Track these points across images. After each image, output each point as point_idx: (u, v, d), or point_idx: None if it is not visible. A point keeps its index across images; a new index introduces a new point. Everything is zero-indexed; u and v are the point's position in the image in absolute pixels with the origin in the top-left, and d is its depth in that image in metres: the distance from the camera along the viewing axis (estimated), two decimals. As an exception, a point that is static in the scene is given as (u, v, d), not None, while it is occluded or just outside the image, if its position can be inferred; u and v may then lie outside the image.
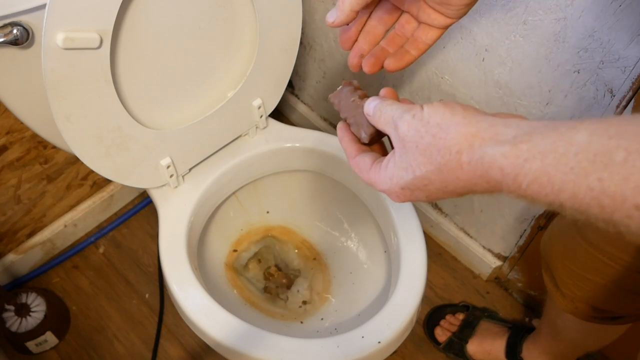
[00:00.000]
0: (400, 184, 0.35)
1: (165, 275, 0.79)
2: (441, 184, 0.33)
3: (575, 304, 0.71)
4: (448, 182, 0.32)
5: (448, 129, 0.32)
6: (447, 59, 0.91)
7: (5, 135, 0.95)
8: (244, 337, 0.72)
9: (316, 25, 1.12)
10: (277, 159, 0.96)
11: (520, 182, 0.28)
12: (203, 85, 0.84)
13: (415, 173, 0.33)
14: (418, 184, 0.34)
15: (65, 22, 0.59)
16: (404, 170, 0.34)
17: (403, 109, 0.35)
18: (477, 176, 0.31)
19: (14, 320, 1.05)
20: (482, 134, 0.31)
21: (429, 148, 0.32)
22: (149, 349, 1.11)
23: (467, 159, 0.31)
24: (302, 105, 1.36)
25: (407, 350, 1.12)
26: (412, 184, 0.34)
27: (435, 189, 0.33)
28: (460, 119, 0.32)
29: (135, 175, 0.81)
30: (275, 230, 1.11)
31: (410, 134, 0.34)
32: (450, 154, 0.31)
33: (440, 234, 1.23)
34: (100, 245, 1.24)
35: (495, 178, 0.30)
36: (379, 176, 0.37)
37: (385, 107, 0.37)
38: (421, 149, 0.33)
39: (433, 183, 0.33)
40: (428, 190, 0.34)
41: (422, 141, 0.33)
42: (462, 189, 0.32)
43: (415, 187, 0.34)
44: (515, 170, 0.28)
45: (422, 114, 0.33)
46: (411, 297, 0.76)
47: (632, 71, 0.69)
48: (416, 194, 0.35)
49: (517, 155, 0.28)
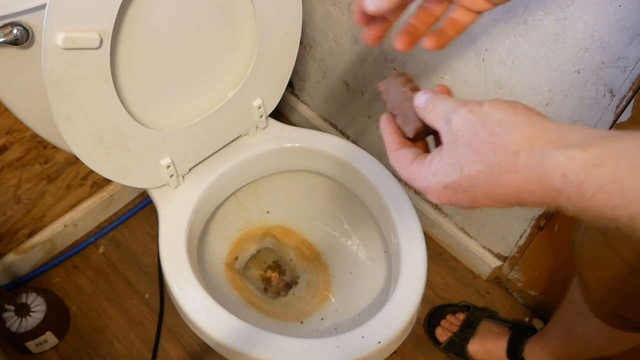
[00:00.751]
0: (443, 181, 0.31)
1: (165, 275, 0.79)
2: (489, 187, 0.29)
3: (604, 311, 0.70)
4: (498, 186, 0.29)
5: (508, 127, 0.29)
6: (447, 59, 0.91)
7: (5, 135, 0.95)
8: (244, 337, 0.72)
9: (316, 25, 1.12)
10: (277, 159, 0.96)
11: (585, 190, 0.25)
12: (203, 85, 0.84)
13: (463, 171, 0.30)
14: (464, 184, 0.30)
15: (65, 22, 0.59)
16: (451, 167, 0.31)
17: (459, 103, 0.32)
18: (532, 182, 0.27)
19: (14, 320, 1.05)
20: (547, 135, 0.28)
21: (483, 145, 0.29)
22: (149, 349, 1.11)
23: (525, 161, 0.27)
24: (302, 105, 1.36)
25: (407, 350, 1.12)
26: (457, 183, 0.31)
27: (481, 192, 0.30)
28: (523, 118, 0.29)
29: (135, 175, 0.81)
30: (275, 230, 1.11)
31: (464, 129, 0.30)
32: (507, 154, 0.28)
33: (440, 234, 1.23)
34: (100, 245, 1.24)
35: (555, 185, 0.26)
36: (421, 172, 0.33)
37: (438, 100, 0.34)
38: (474, 145, 0.29)
39: (480, 185, 0.30)
40: (473, 193, 0.30)
41: (477, 137, 0.29)
42: (511, 197, 0.29)
43: (459, 187, 0.31)
44: (581, 177, 0.25)
45: (481, 109, 0.30)
46: (411, 297, 0.76)
47: (632, 71, 0.69)
48: (459, 195, 0.31)
49: (586, 160, 0.25)
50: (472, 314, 1.11)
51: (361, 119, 1.20)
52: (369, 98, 1.13)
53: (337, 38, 1.10)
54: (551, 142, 0.27)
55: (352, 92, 1.17)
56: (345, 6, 1.02)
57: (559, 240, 0.99)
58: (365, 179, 0.89)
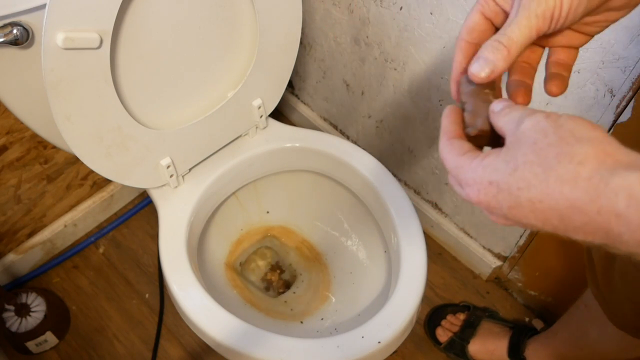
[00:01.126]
0: (491, 176, 0.29)
1: (165, 275, 0.79)
2: (538, 194, 0.27)
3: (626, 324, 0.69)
4: (548, 195, 0.26)
5: (580, 138, 0.26)
6: (447, 59, 0.91)
7: (5, 135, 0.95)
8: (244, 337, 0.72)
9: (316, 25, 1.12)
10: (277, 159, 0.96)
11: None
12: (203, 85, 0.84)
13: (517, 170, 0.27)
14: (511, 185, 0.28)
15: (65, 22, 0.59)
16: (504, 164, 0.28)
17: (537, 111, 0.30)
18: (589, 199, 0.25)
19: (14, 320, 1.05)
20: (619, 155, 0.26)
21: (547, 148, 0.27)
22: (149, 349, 1.11)
23: (589, 173, 0.25)
24: (302, 105, 1.36)
25: (407, 350, 1.12)
26: (504, 181, 0.28)
27: (526, 199, 0.27)
28: (599, 135, 0.27)
29: (135, 175, 0.81)
30: (275, 230, 1.11)
31: (534, 130, 0.28)
32: (571, 163, 0.26)
33: (440, 234, 1.23)
34: (100, 245, 1.24)
35: (615, 207, 0.24)
36: (471, 163, 0.31)
37: (517, 107, 0.31)
38: (538, 147, 0.27)
39: (530, 190, 0.27)
40: (517, 198, 0.27)
41: (544, 140, 0.27)
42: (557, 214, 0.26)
43: (506, 186, 0.28)
44: None
45: (559, 118, 0.28)
46: (411, 297, 0.76)
47: (632, 71, 0.69)
48: (500, 197, 0.28)
49: None
50: (472, 314, 1.11)
51: (361, 119, 1.20)
52: (369, 98, 1.13)
53: (337, 38, 1.10)
54: (622, 163, 0.25)
55: (352, 92, 1.17)
56: (345, 6, 1.02)
57: (559, 240, 0.99)
58: (365, 179, 0.89)
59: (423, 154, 1.11)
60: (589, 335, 0.83)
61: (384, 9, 0.94)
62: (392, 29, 0.96)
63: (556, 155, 0.26)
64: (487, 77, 0.33)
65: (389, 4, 0.92)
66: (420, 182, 1.19)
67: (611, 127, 0.77)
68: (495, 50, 0.33)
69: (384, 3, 0.93)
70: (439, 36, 0.88)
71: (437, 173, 1.12)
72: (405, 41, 0.95)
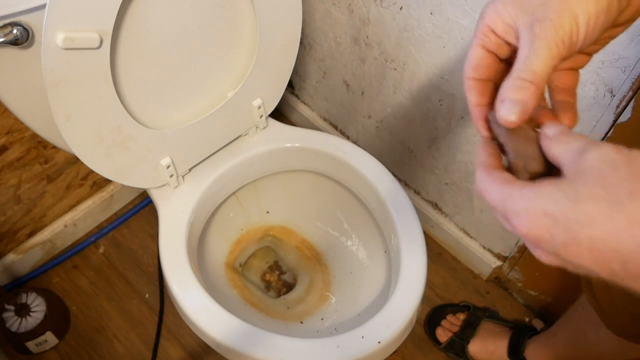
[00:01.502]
0: (547, 207, 0.25)
1: (165, 275, 0.79)
2: (602, 234, 0.24)
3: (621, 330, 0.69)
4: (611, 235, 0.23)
5: None
6: (447, 59, 0.91)
7: (5, 135, 0.95)
8: (244, 337, 0.72)
9: (316, 25, 1.12)
10: (277, 159, 0.96)
11: None
12: (203, 85, 0.84)
13: (579, 202, 0.24)
14: (571, 219, 0.24)
15: (65, 22, 0.59)
16: (564, 194, 0.25)
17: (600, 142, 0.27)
18: None
19: (14, 320, 1.05)
20: None
21: (618, 185, 0.24)
22: (149, 349, 1.11)
23: None
24: (302, 105, 1.36)
25: (407, 350, 1.12)
26: (563, 213, 0.25)
27: (586, 237, 0.24)
28: None
29: (135, 175, 0.81)
30: (275, 230, 1.11)
31: (602, 161, 0.25)
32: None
33: (440, 234, 1.23)
34: (100, 245, 1.24)
35: None
36: (522, 190, 0.27)
37: (575, 135, 0.28)
38: (607, 181, 0.24)
39: (591, 227, 0.24)
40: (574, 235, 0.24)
41: (615, 174, 0.24)
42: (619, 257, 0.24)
43: (565, 220, 0.25)
44: None
45: (630, 151, 0.25)
46: (411, 297, 0.76)
47: (632, 71, 0.69)
48: (555, 232, 0.25)
49: None
50: (472, 314, 1.11)
51: (361, 119, 1.20)
52: (369, 98, 1.13)
53: (337, 38, 1.10)
54: None
55: (352, 92, 1.17)
56: (345, 6, 1.02)
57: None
58: (365, 179, 0.89)
59: (423, 154, 1.11)
60: (587, 337, 0.83)
61: (384, 9, 0.94)
62: (392, 29, 0.96)
63: (629, 194, 0.23)
64: (519, 119, 0.31)
65: (389, 4, 0.92)
66: (420, 182, 1.19)
67: (611, 127, 0.77)
68: (520, 89, 0.31)
69: (384, 3, 0.93)
70: (439, 36, 0.88)
71: (437, 173, 1.12)
72: (405, 41, 0.95)
